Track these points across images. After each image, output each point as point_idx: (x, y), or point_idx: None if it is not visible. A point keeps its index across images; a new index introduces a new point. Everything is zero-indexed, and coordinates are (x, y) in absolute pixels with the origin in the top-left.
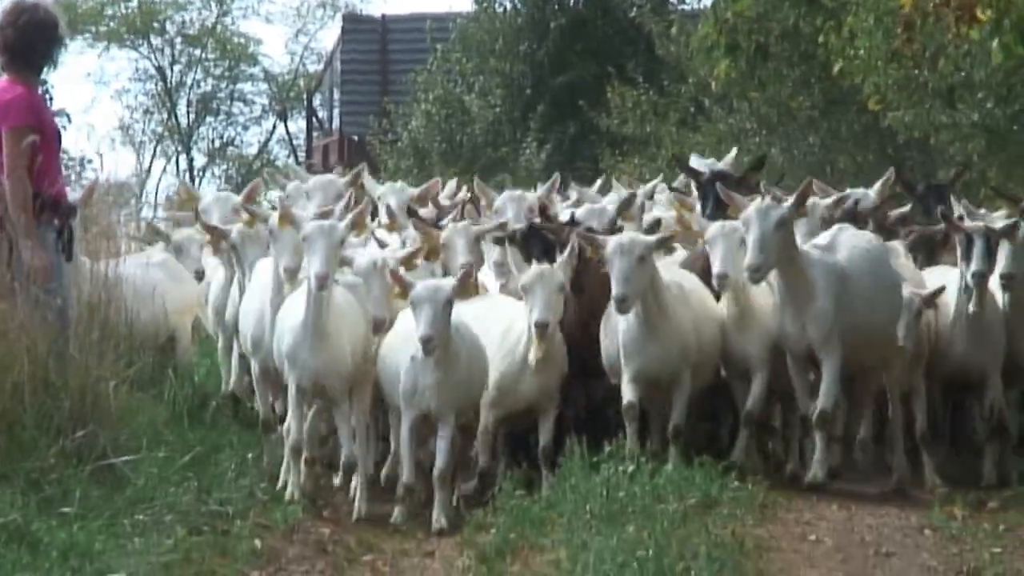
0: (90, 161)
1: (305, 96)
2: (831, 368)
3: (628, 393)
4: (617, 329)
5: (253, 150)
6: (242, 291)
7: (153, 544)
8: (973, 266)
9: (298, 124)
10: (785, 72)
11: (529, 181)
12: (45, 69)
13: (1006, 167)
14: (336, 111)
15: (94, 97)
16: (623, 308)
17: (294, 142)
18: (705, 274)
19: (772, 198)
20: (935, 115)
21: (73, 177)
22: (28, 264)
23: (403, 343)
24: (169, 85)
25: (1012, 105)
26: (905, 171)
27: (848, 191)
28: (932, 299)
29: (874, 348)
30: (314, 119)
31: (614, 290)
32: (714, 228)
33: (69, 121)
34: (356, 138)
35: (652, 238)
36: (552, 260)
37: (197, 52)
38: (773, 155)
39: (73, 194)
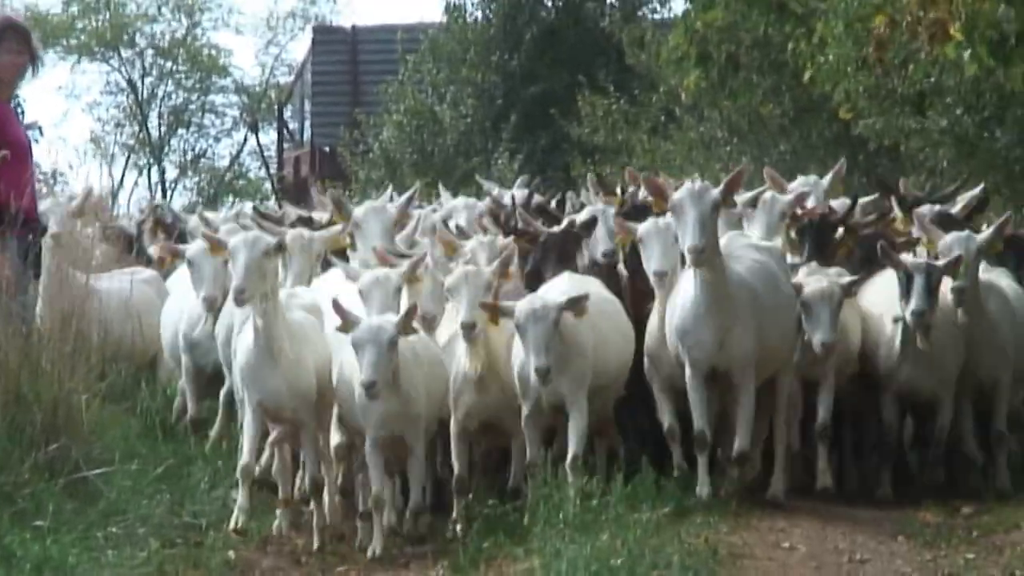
0: (62, 174)
1: (276, 107)
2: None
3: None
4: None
5: (225, 162)
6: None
7: (127, 557)
8: (912, 304)
9: (269, 136)
10: (756, 81)
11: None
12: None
13: (977, 174)
14: (307, 122)
15: (66, 110)
16: (546, 380)
17: (265, 154)
18: None
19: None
20: (905, 122)
21: (45, 190)
22: None
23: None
24: (140, 98)
25: (981, 112)
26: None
27: (800, 180)
28: (851, 288)
29: (772, 361)
30: (285, 130)
31: (534, 362)
32: (647, 226)
33: (41, 134)
34: (327, 149)
35: (562, 301)
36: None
37: (168, 64)
38: (743, 162)
39: (45, 206)
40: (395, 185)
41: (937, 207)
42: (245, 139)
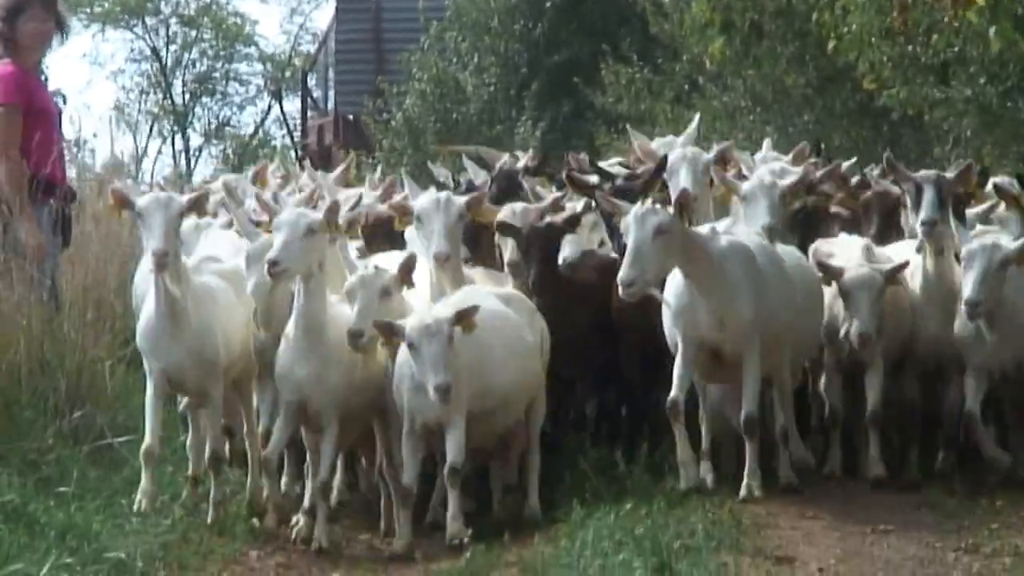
0: (86, 142)
1: (300, 76)
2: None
3: None
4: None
5: (249, 130)
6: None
7: (151, 524)
8: (923, 214)
9: (293, 104)
10: (779, 50)
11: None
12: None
13: (1000, 144)
14: (331, 91)
15: (90, 78)
16: (447, 398)
17: (289, 122)
18: None
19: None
20: (928, 91)
21: (70, 158)
22: (23, 243)
23: None
24: (165, 65)
25: (1005, 83)
26: (897, 156)
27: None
28: (893, 275)
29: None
30: (309, 99)
31: (433, 380)
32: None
33: (65, 102)
34: (351, 117)
35: (452, 315)
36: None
37: (193, 32)
38: (768, 132)
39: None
40: (418, 154)
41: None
42: (269, 107)
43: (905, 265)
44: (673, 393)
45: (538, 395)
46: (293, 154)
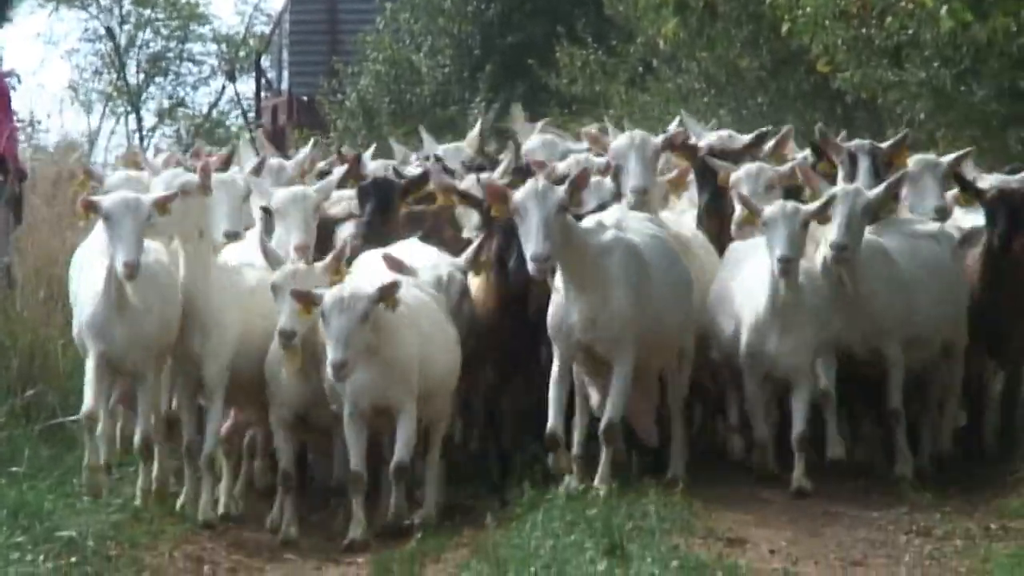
0: (39, 122)
1: (254, 56)
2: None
3: None
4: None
5: (203, 110)
6: None
7: (103, 504)
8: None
9: (247, 84)
10: (733, 32)
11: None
12: None
13: (953, 127)
14: (285, 71)
15: (43, 58)
16: (341, 375)
17: (243, 103)
18: None
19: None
20: (882, 74)
21: (23, 138)
22: None
23: None
24: (118, 45)
25: (959, 65)
26: (851, 138)
27: (718, 134)
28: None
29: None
30: (263, 79)
31: (331, 355)
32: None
33: (19, 81)
34: (305, 98)
35: (374, 292)
36: None
37: (146, 12)
38: (721, 116)
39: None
40: (372, 135)
41: None
42: (223, 88)
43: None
44: (551, 424)
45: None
46: (247, 134)
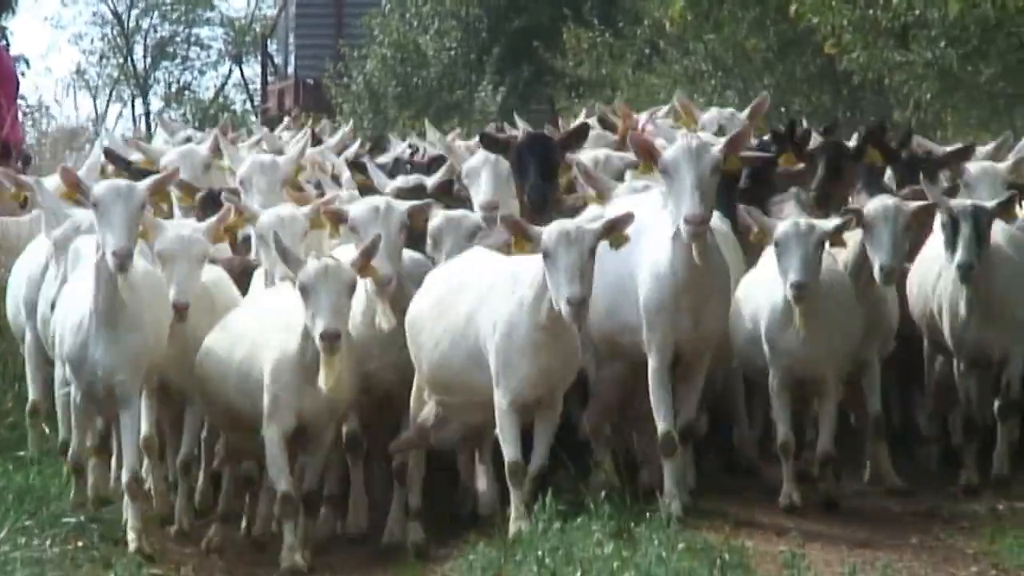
0: (47, 107)
1: (260, 40)
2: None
3: None
4: None
5: (209, 95)
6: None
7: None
8: (959, 257)
9: (254, 68)
10: (740, 14)
11: (484, 124)
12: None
13: (960, 108)
14: (291, 55)
15: (51, 42)
16: (580, 313)
17: (250, 87)
18: None
19: None
20: (889, 55)
21: (31, 123)
22: None
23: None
24: (126, 29)
25: (965, 46)
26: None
27: (714, 112)
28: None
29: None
30: (269, 63)
31: (568, 290)
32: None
33: (28, 66)
34: (311, 82)
35: (600, 226)
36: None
37: None
38: (728, 97)
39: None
40: (379, 118)
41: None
42: (230, 72)
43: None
44: (664, 426)
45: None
46: (253, 119)
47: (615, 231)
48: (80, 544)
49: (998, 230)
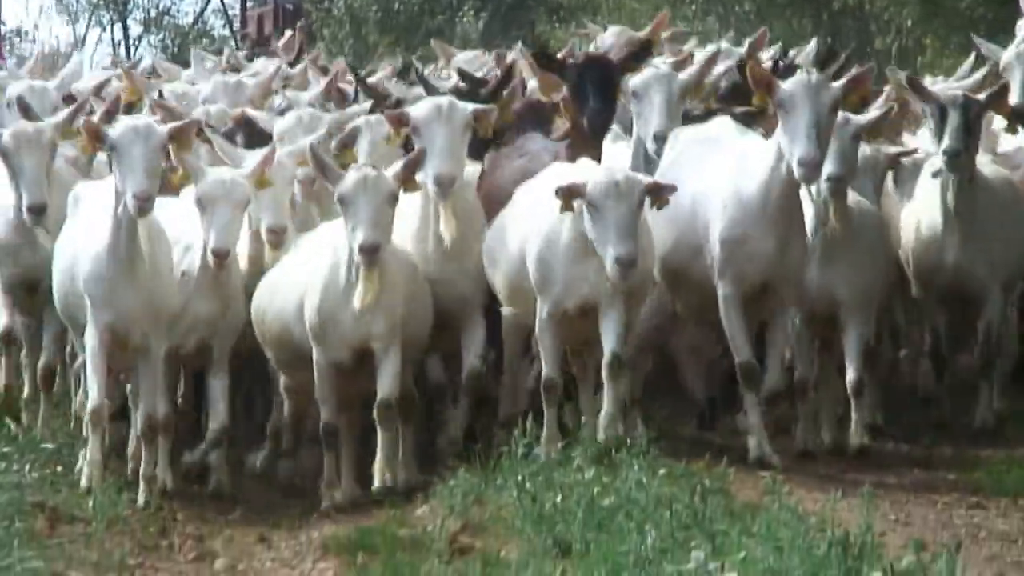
0: (26, 32)
1: None
2: None
3: None
4: None
5: (189, 20)
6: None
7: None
8: (946, 143)
9: None
10: None
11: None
12: None
13: (941, 34)
14: None
15: None
16: (630, 271)
17: (229, 12)
18: None
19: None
20: None
21: (8, 47)
22: None
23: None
24: None
25: None
26: (838, 46)
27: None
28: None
29: None
30: None
31: (618, 249)
32: None
33: None
34: (291, 7)
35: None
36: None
37: None
38: (709, 22)
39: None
40: (360, 44)
41: None
42: None
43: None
44: (745, 358)
45: None
46: (233, 43)
47: (661, 193)
48: (59, 469)
49: (984, 162)
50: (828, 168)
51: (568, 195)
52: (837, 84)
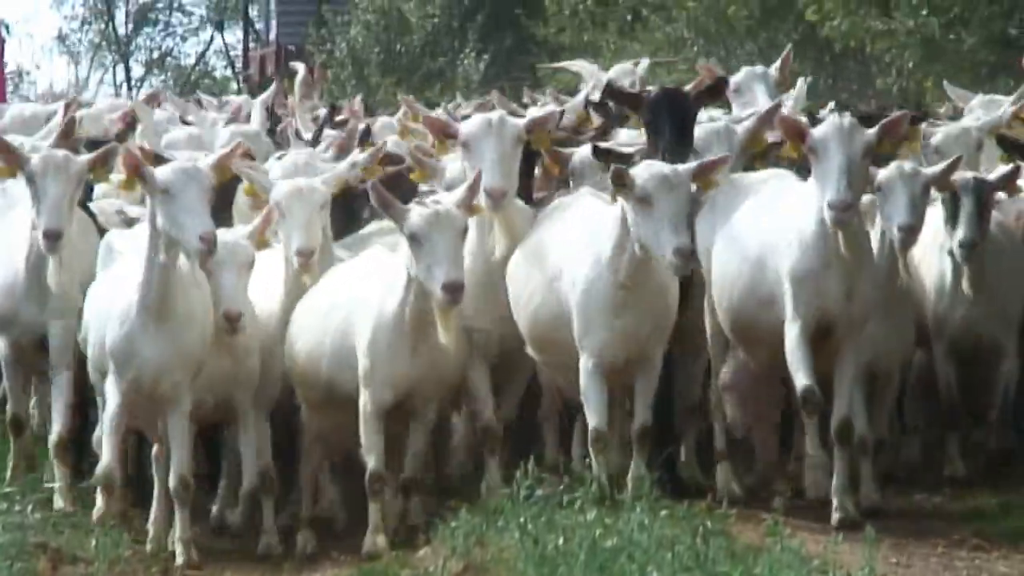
0: (28, 72)
1: (242, 6)
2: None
3: None
4: None
5: (191, 61)
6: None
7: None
8: (961, 234)
9: (235, 35)
10: None
11: (467, 92)
12: None
13: (942, 76)
14: (273, 21)
15: (33, 7)
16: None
17: (231, 53)
18: None
19: None
20: (870, 23)
21: (12, 88)
22: None
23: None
24: None
25: (947, 13)
26: (839, 88)
27: (745, 71)
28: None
29: None
30: (251, 29)
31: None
32: None
33: (8, 32)
34: (293, 48)
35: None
36: None
37: None
38: (711, 64)
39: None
40: (361, 85)
41: None
42: (211, 38)
43: None
44: (804, 384)
45: None
46: (235, 85)
47: (707, 174)
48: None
49: None
50: (898, 219)
51: (620, 180)
52: (871, 130)
